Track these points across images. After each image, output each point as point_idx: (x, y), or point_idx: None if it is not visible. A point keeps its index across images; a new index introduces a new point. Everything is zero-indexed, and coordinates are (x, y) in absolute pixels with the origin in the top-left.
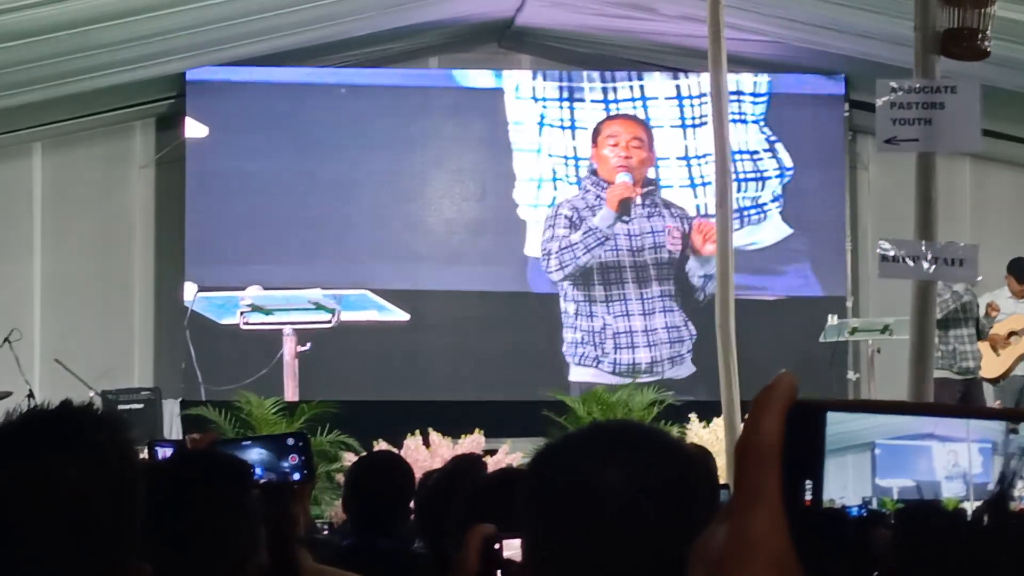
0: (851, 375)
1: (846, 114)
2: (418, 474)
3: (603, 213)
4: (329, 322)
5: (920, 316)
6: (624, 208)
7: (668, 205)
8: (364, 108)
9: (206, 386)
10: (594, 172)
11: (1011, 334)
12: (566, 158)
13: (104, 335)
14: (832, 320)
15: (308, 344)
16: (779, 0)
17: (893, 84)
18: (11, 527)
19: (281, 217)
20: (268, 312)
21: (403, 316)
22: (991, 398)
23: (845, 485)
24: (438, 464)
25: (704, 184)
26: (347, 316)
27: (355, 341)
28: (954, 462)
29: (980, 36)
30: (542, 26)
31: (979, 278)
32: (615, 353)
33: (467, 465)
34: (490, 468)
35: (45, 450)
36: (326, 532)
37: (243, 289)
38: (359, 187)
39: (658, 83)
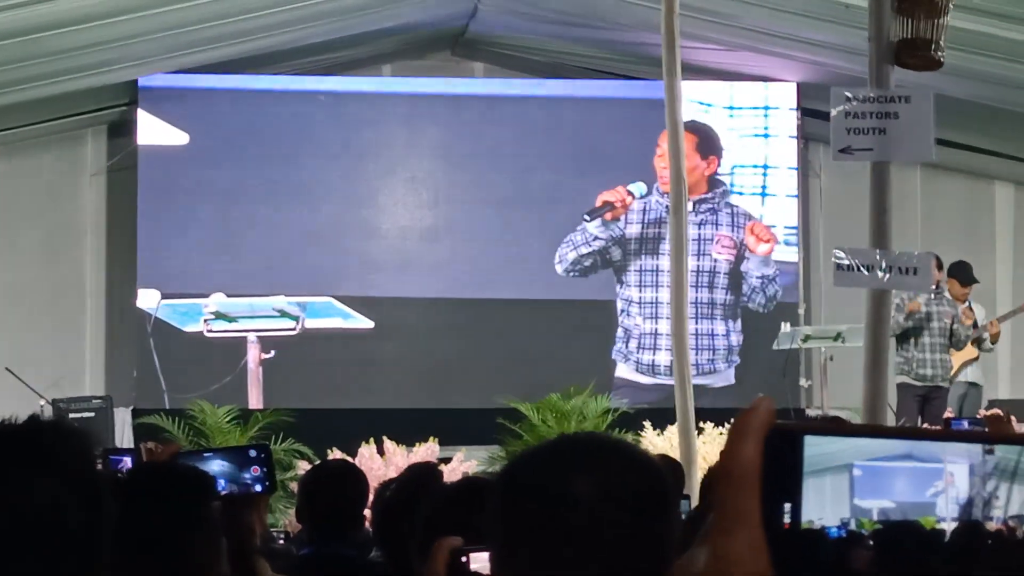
0: (804, 382)
1: (798, 122)
2: (373, 483)
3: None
4: (293, 329)
5: (874, 324)
6: (599, 210)
7: (733, 211)
8: (318, 115)
9: (170, 394)
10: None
11: None
12: None
13: (55, 343)
14: (785, 327)
15: (272, 351)
16: (732, 8)
17: (848, 93)
18: None
19: (240, 223)
20: (232, 319)
21: (368, 323)
22: None
23: (824, 506)
24: (392, 472)
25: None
26: (312, 323)
27: (320, 348)
28: (932, 482)
29: (934, 47)
30: (495, 34)
31: (933, 286)
32: (638, 353)
33: (425, 474)
34: (445, 476)
35: (13, 465)
36: (282, 541)
37: (206, 296)
38: (317, 194)
39: (747, 91)
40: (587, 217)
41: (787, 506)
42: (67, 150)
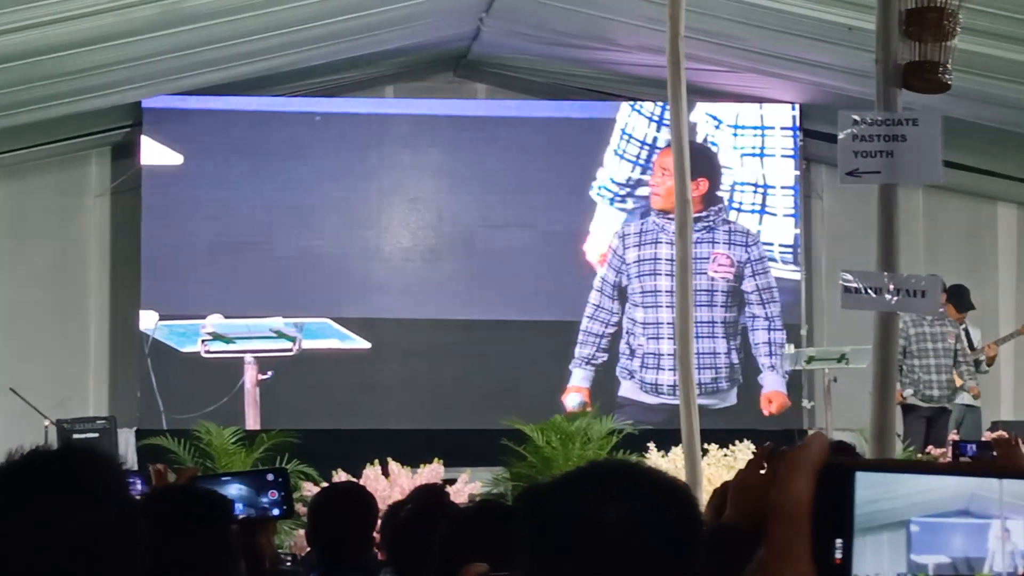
0: (807, 403)
1: (800, 143)
2: (382, 505)
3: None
4: (290, 350)
5: (882, 346)
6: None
7: (730, 229)
8: (321, 136)
9: (168, 415)
10: (649, 202)
11: None
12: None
13: (59, 364)
14: (789, 349)
15: (269, 372)
16: (736, 31)
17: (855, 116)
18: (15, 569)
19: (242, 244)
20: (229, 340)
21: (364, 344)
22: None
23: (880, 562)
24: (397, 494)
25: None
26: (308, 344)
27: (316, 369)
28: (988, 538)
29: (941, 69)
30: (498, 55)
31: (941, 309)
32: (641, 372)
33: (435, 495)
34: (451, 497)
35: (49, 492)
36: (289, 563)
37: (204, 317)
38: (319, 215)
39: (748, 109)
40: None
41: (839, 542)
42: (71, 171)
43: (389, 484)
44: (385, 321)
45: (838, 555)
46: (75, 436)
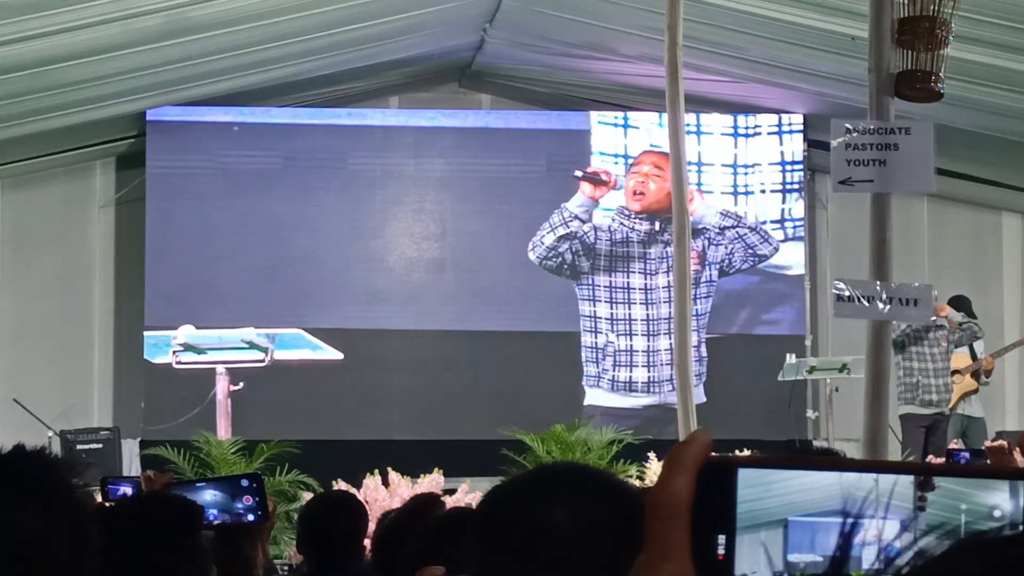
0: (810, 413)
1: (805, 153)
2: (378, 514)
3: (576, 196)
4: (262, 361)
5: (875, 355)
6: (591, 175)
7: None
8: (326, 146)
9: (144, 426)
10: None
11: (954, 372)
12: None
13: (63, 374)
14: (790, 359)
15: (241, 383)
16: (738, 40)
17: (848, 125)
18: None
19: (245, 255)
20: (201, 351)
21: (336, 355)
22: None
23: (757, 561)
24: (397, 504)
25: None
26: (280, 355)
27: (288, 380)
28: (864, 539)
29: (934, 78)
30: (501, 66)
31: (933, 318)
32: (613, 370)
33: (425, 505)
34: (449, 507)
35: None
36: (285, 572)
37: (216, 328)
38: (324, 225)
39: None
40: (579, 174)
41: (721, 539)
42: (76, 182)
43: (389, 494)
44: (387, 332)
45: (720, 551)
46: (78, 447)
